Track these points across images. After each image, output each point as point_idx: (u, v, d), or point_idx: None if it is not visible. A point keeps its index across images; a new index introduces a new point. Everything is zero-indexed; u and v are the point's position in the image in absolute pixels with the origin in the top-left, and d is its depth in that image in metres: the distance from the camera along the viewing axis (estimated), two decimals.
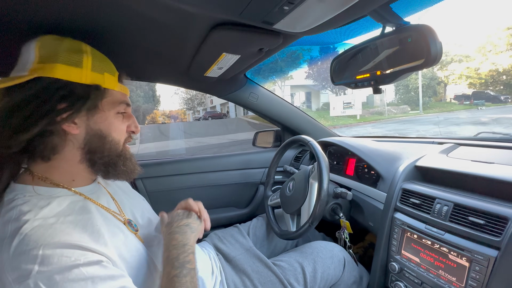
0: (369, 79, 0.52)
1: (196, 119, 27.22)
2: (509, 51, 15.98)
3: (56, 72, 0.43)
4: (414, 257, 0.68)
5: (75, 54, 0.46)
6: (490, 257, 0.52)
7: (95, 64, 0.48)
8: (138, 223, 0.60)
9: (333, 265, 0.78)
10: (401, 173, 0.78)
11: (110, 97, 0.50)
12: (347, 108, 15.22)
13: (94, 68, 0.47)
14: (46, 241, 0.36)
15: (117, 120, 0.52)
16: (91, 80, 0.47)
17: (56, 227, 0.39)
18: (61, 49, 0.46)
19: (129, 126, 0.56)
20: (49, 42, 0.47)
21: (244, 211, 1.33)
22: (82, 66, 0.46)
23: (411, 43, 0.43)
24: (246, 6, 0.43)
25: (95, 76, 0.47)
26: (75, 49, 0.47)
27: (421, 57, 0.41)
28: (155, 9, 0.50)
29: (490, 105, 15.31)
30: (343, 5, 0.41)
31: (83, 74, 0.46)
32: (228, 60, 0.73)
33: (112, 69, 0.52)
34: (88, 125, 0.48)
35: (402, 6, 0.48)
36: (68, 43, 0.48)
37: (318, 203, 0.77)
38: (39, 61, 0.44)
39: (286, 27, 0.50)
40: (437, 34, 0.40)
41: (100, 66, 0.49)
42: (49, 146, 0.45)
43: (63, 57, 0.45)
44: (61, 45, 0.46)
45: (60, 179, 0.48)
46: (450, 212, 0.61)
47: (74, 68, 0.45)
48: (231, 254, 0.83)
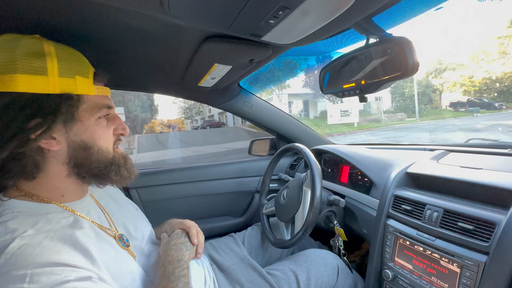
0: (354, 88, 0.53)
1: (194, 128, 27.28)
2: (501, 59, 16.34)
3: (17, 85, 0.38)
4: (407, 264, 0.68)
5: (36, 59, 0.39)
6: (479, 263, 0.52)
7: (63, 67, 0.41)
8: (131, 235, 0.58)
9: (326, 272, 0.78)
10: (393, 179, 0.79)
11: (87, 103, 0.45)
12: (344, 116, 15.33)
13: (62, 73, 0.41)
14: (34, 261, 0.34)
15: (100, 127, 0.47)
16: (60, 89, 0.41)
17: (44, 245, 0.37)
18: (19, 54, 0.39)
19: (115, 129, 0.52)
20: (2, 45, 0.40)
21: (240, 220, 1.32)
22: (47, 73, 0.39)
23: (391, 54, 0.45)
24: (234, 19, 0.45)
25: (65, 82, 0.41)
26: (35, 51, 0.40)
27: (399, 68, 0.43)
28: (148, 23, 0.52)
29: (485, 112, 15.51)
30: (326, 19, 0.43)
31: (50, 83, 0.40)
32: (220, 70, 0.75)
33: (84, 69, 0.45)
34: (69, 138, 0.44)
35: (384, 19, 0.50)
36: (25, 43, 0.40)
37: (311, 211, 0.77)
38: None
39: (273, 39, 0.52)
40: (415, 47, 0.42)
41: (70, 69, 0.42)
42: (30, 166, 0.41)
43: (22, 64, 0.38)
44: (18, 48, 0.39)
45: (48, 195, 0.45)
46: (440, 218, 0.62)
47: (37, 76, 0.39)
48: (226, 264, 0.83)
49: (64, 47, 0.44)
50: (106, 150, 0.48)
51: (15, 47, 0.39)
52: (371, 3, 0.40)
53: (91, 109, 0.46)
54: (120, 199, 0.68)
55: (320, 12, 0.41)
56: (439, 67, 20.65)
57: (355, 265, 1.21)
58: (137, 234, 0.60)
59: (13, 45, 0.40)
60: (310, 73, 2.75)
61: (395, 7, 0.47)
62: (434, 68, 20.93)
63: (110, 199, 0.63)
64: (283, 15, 0.42)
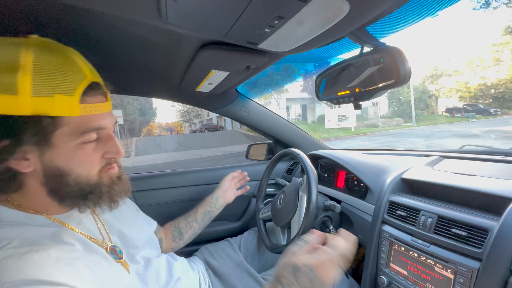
0: (349, 96, 0.54)
1: (193, 131, 27.26)
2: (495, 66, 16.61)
3: None
4: (402, 270, 0.68)
5: (5, 74, 0.34)
6: (473, 269, 0.53)
7: (39, 85, 0.35)
8: (126, 244, 0.56)
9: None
10: (388, 185, 0.79)
11: (67, 126, 0.39)
12: (342, 120, 15.44)
13: (36, 92, 0.35)
14: (10, 278, 0.32)
15: (83, 152, 0.42)
16: (32, 110, 0.35)
17: (28, 258, 0.35)
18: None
19: (106, 152, 0.45)
20: None
21: (236, 224, 1.32)
22: (17, 92, 0.34)
23: (384, 63, 0.46)
24: (231, 28, 0.46)
25: (39, 101, 0.35)
26: (6, 64, 0.34)
27: (392, 77, 0.44)
28: (146, 30, 0.52)
29: (481, 118, 15.70)
30: (320, 29, 0.44)
31: (21, 102, 0.34)
32: (218, 76, 0.76)
33: (70, 85, 0.38)
34: (43, 161, 0.39)
35: (377, 28, 0.52)
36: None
37: (307, 216, 0.77)
38: None
39: (270, 46, 0.53)
40: (406, 56, 0.43)
41: (48, 86, 0.36)
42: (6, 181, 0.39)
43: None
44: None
45: (34, 207, 0.43)
46: (434, 224, 0.62)
47: (5, 96, 0.34)
48: (221, 269, 0.82)
49: (48, 57, 0.37)
50: (87, 176, 0.43)
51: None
52: (364, 14, 0.41)
53: (70, 134, 0.40)
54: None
55: (315, 22, 0.42)
56: (435, 73, 20.95)
57: (351, 270, 1.20)
58: (133, 242, 0.58)
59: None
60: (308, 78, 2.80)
61: (388, 17, 0.48)
62: (431, 74, 21.22)
63: None
64: (279, 24, 0.43)
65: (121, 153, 0.47)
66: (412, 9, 0.47)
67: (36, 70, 0.35)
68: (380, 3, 0.39)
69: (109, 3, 0.40)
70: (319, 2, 0.36)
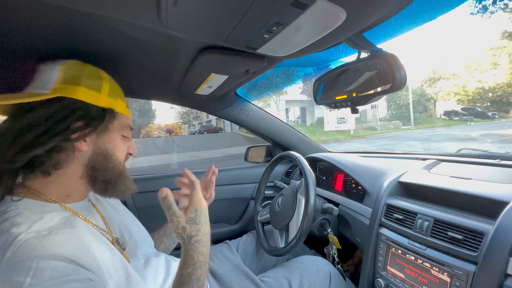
0: (346, 100, 0.55)
1: (192, 133, 27.24)
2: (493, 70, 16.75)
3: (78, 94, 0.48)
4: (399, 273, 0.68)
5: (95, 80, 0.51)
6: (469, 272, 0.53)
7: (111, 90, 0.53)
8: (125, 241, 0.59)
9: (319, 279, 0.78)
10: (385, 188, 0.80)
11: (119, 120, 0.55)
12: (341, 123, 15.48)
13: (110, 94, 0.52)
14: (39, 253, 0.36)
15: (121, 142, 0.56)
16: (106, 104, 0.51)
17: (50, 239, 0.39)
18: (84, 74, 0.50)
19: (128, 147, 0.59)
20: (73, 66, 0.51)
21: (235, 227, 1.32)
22: (100, 91, 0.51)
23: (380, 69, 0.46)
24: (230, 33, 0.46)
25: (110, 101, 0.52)
26: (95, 75, 0.52)
27: (388, 82, 0.45)
28: (147, 34, 0.53)
29: (479, 121, 15.79)
30: (318, 35, 0.44)
31: (101, 98, 0.50)
32: (217, 79, 0.76)
33: (122, 95, 0.57)
34: (97, 144, 0.51)
35: (374, 34, 0.52)
36: (89, 69, 0.53)
37: (305, 219, 0.78)
38: (62, 81, 0.48)
39: (268, 51, 0.54)
40: (401, 62, 0.44)
41: (115, 93, 0.54)
42: (54, 162, 0.46)
43: (85, 81, 0.49)
44: (84, 70, 0.51)
45: (54, 194, 0.48)
46: (431, 227, 0.63)
47: (93, 92, 0.50)
48: (219, 271, 0.82)
49: (112, 80, 0.57)
50: (120, 161, 0.56)
51: (83, 69, 0.51)
52: (361, 21, 0.42)
53: (120, 126, 0.55)
54: (116, 204, 0.69)
55: (312, 28, 0.43)
56: (434, 76, 21.08)
57: (349, 273, 1.21)
58: (131, 241, 0.61)
59: (81, 68, 0.52)
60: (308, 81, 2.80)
61: (385, 24, 0.49)
62: (429, 77, 21.35)
63: (108, 205, 0.64)
64: (277, 30, 0.43)
65: (136, 151, 0.62)
66: (409, 15, 0.47)
67: (110, 82, 0.54)
68: (376, 11, 0.40)
69: (109, 7, 0.41)
70: (317, 9, 0.37)
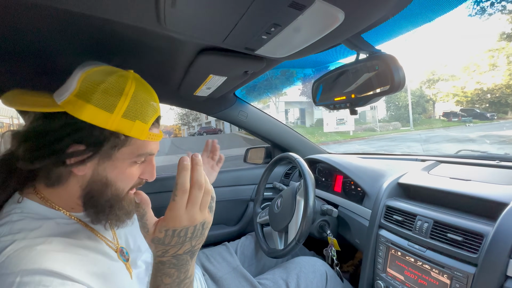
0: (345, 101, 0.55)
1: (191, 134, 27.22)
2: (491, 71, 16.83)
3: (83, 113, 0.41)
4: (399, 275, 0.68)
5: (111, 97, 0.42)
6: (468, 274, 0.53)
7: (130, 110, 0.44)
8: (129, 248, 0.57)
9: (315, 279, 0.79)
10: (384, 190, 0.80)
11: (131, 146, 0.46)
12: (340, 124, 15.52)
13: (125, 114, 0.43)
14: (25, 267, 0.34)
15: (130, 170, 0.48)
16: (116, 127, 0.43)
17: (41, 250, 0.37)
18: (100, 89, 0.42)
19: (143, 173, 0.51)
20: (93, 77, 0.43)
21: (234, 228, 1.31)
22: (113, 111, 0.42)
23: (379, 70, 0.46)
24: (228, 34, 0.46)
25: (123, 123, 0.43)
26: (116, 89, 0.43)
27: (386, 84, 0.45)
28: (146, 35, 0.53)
29: (477, 122, 15.85)
30: (316, 36, 0.44)
31: (110, 120, 0.42)
32: (216, 81, 0.76)
33: (148, 115, 0.46)
34: (96, 169, 0.45)
35: (373, 36, 0.53)
36: (111, 81, 0.44)
37: (304, 220, 0.78)
38: (76, 93, 0.42)
39: (267, 53, 0.54)
40: (400, 63, 0.44)
41: (135, 112, 0.44)
42: (54, 177, 0.44)
43: (98, 98, 0.42)
44: (103, 83, 0.43)
45: (59, 203, 0.47)
46: (430, 229, 0.63)
47: (103, 112, 0.42)
48: (218, 274, 0.82)
49: (145, 89, 0.47)
50: (122, 190, 0.48)
51: (102, 82, 0.43)
52: (359, 22, 0.42)
53: (131, 152, 0.46)
54: None
55: (311, 30, 0.43)
56: (433, 77, 21.18)
57: (349, 275, 1.20)
58: (135, 247, 0.59)
59: (102, 79, 0.43)
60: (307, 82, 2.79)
61: (383, 25, 0.49)
62: (428, 79, 21.45)
63: None
64: (275, 31, 0.43)
65: (155, 177, 0.53)
66: (407, 17, 0.47)
67: (134, 98, 0.44)
68: (374, 12, 0.40)
69: (108, 9, 0.41)
70: (315, 10, 0.37)
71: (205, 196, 0.41)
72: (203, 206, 0.41)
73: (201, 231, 0.41)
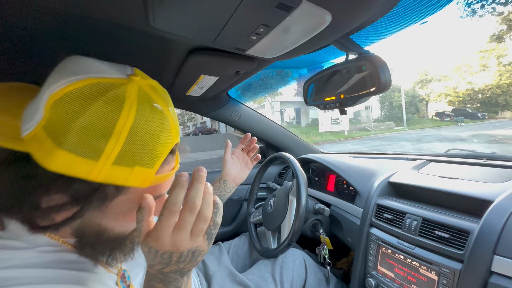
0: (334, 101, 0.56)
1: (186, 134, 27.07)
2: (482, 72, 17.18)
3: (53, 161, 0.28)
4: (389, 272, 0.69)
5: (95, 140, 0.28)
6: (455, 270, 0.54)
7: (125, 154, 0.30)
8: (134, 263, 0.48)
9: (295, 268, 0.83)
10: (375, 188, 0.81)
11: (130, 194, 0.33)
12: (335, 124, 15.64)
13: (119, 160, 0.29)
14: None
15: (132, 215, 0.35)
16: (104, 178, 0.29)
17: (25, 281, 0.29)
18: (78, 127, 0.28)
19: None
20: (69, 104, 0.28)
21: (228, 228, 1.32)
22: (98, 158, 0.28)
23: (366, 71, 0.47)
24: (218, 34, 0.46)
25: (115, 171, 0.30)
26: (102, 127, 0.28)
27: (373, 84, 0.46)
28: (135, 35, 0.53)
29: (469, 122, 16.17)
30: (305, 37, 0.45)
31: (96, 170, 0.29)
32: (208, 81, 0.76)
33: (154, 157, 0.32)
34: (86, 217, 0.33)
35: (361, 37, 0.53)
36: (98, 111, 0.28)
37: (296, 220, 0.78)
38: (44, 125, 0.29)
39: (257, 53, 0.54)
40: (386, 64, 0.45)
41: (133, 156, 0.30)
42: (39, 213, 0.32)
43: (74, 142, 0.28)
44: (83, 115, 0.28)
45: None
46: (419, 226, 0.64)
47: (83, 160, 0.28)
48: (209, 273, 0.83)
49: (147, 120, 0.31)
50: (124, 232, 0.38)
51: (82, 111, 0.28)
52: (347, 24, 0.43)
53: (130, 201, 0.34)
54: None
55: (299, 31, 0.43)
56: (425, 78, 21.51)
57: (342, 272, 1.21)
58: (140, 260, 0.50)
59: (81, 107, 0.28)
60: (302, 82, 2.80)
61: (371, 27, 0.50)
62: (421, 79, 21.78)
63: None
64: (265, 32, 0.44)
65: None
66: (394, 18, 0.48)
67: (130, 138, 0.29)
68: (361, 13, 0.40)
69: (95, 7, 0.41)
70: (302, 12, 0.37)
71: (199, 222, 0.33)
72: (195, 233, 0.33)
73: (191, 257, 0.34)
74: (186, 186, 0.33)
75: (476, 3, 5.41)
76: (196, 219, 0.33)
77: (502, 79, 16.10)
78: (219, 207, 0.36)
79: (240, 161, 0.86)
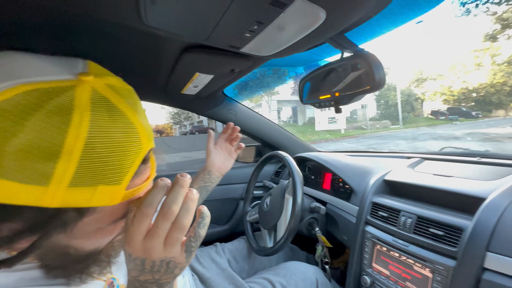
0: (330, 100, 0.56)
1: (183, 133, 26.95)
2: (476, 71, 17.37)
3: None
4: (384, 269, 0.70)
5: (39, 164, 0.23)
6: (449, 267, 0.55)
7: (83, 175, 0.25)
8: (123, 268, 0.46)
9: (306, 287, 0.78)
10: (371, 187, 0.81)
11: (99, 214, 0.29)
12: (332, 122, 15.71)
13: (76, 182, 0.25)
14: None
15: (102, 234, 0.32)
16: (61, 202, 0.25)
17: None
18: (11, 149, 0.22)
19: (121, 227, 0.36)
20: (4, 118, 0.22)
21: (225, 227, 1.31)
22: (48, 184, 0.24)
23: (360, 69, 0.47)
24: (211, 31, 0.46)
25: (75, 193, 0.25)
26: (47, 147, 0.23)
27: (368, 82, 0.45)
28: (129, 32, 0.52)
29: (464, 120, 16.37)
30: (300, 34, 0.45)
31: (48, 195, 0.24)
32: (202, 79, 0.75)
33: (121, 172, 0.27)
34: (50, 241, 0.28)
35: (356, 35, 0.53)
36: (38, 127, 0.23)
37: (292, 218, 0.78)
38: None
39: (252, 51, 0.54)
40: (381, 62, 0.45)
41: (94, 176, 0.26)
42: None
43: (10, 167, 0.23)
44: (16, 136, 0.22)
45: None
46: (414, 224, 0.64)
47: (29, 186, 0.23)
48: (206, 275, 0.82)
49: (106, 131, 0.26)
50: (95, 250, 0.33)
51: (16, 130, 0.22)
52: (341, 21, 0.42)
53: (97, 221, 0.30)
54: None
55: (294, 28, 0.43)
56: (421, 77, 21.71)
57: (339, 271, 1.22)
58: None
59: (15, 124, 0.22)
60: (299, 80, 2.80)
61: (366, 24, 0.50)
62: (416, 78, 21.97)
63: None
64: (259, 29, 0.43)
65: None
66: (388, 16, 0.48)
67: (86, 155, 0.25)
68: (355, 11, 0.40)
69: (86, 4, 0.40)
70: (296, 9, 0.37)
71: (174, 231, 0.29)
72: (170, 243, 0.30)
73: (166, 268, 0.31)
74: (165, 189, 0.30)
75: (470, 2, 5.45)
76: (172, 227, 0.29)
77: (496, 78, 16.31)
78: (205, 217, 0.32)
79: (224, 151, 0.83)
